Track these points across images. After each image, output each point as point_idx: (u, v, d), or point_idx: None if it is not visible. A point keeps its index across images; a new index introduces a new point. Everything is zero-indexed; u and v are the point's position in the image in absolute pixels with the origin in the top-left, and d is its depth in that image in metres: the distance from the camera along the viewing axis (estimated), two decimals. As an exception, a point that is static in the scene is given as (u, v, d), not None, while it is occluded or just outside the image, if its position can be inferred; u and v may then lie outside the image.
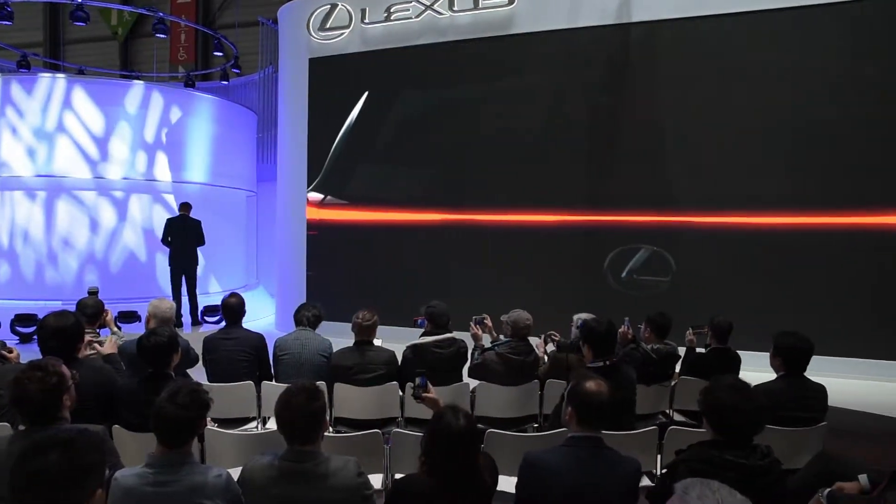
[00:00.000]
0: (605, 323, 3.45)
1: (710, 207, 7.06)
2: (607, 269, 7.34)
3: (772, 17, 6.80)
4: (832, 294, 6.59)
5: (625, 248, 7.18)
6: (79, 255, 8.96)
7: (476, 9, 8.11)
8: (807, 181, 6.73)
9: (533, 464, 2.33)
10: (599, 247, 7.50)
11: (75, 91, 9.13)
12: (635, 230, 7.33)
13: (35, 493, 1.39)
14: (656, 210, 7.27)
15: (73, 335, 3.17)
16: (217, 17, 15.98)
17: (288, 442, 2.20)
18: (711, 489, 1.43)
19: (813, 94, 6.69)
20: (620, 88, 7.51)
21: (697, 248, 7.12)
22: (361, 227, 8.77)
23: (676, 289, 7.07)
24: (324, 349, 4.25)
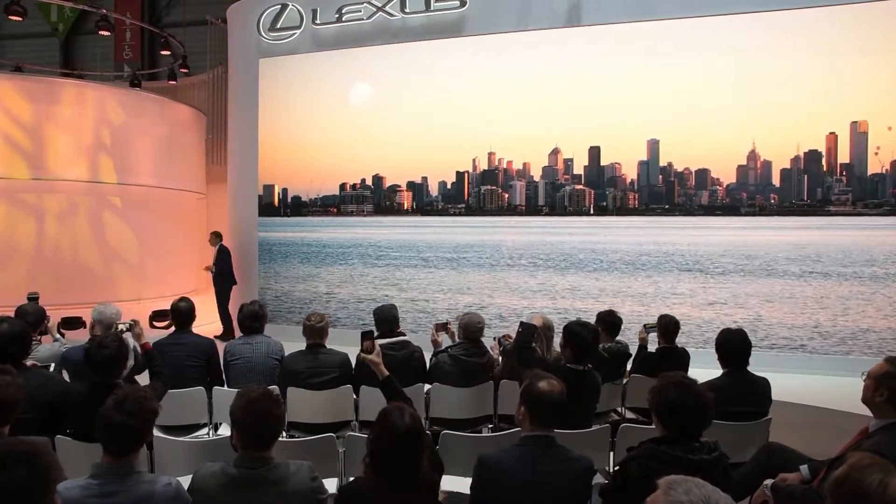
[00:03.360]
0: (592, 329, 3.50)
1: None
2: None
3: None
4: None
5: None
6: (18, 259, 8.59)
7: (428, 11, 8.12)
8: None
9: (487, 464, 2.34)
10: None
11: (10, 89, 8.76)
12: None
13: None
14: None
15: (25, 341, 3.14)
16: (164, 15, 15.60)
17: (242, 448, 2.15)
18: (697, 485, 1.46)
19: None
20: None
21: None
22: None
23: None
24: (275, 352, 4.19)
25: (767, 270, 7.01)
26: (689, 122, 7.26)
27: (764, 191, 7.18)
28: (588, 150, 7.70)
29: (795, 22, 6.86)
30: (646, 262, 7.43)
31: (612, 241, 7.67)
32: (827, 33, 6.80)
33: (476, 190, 8.18)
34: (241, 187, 9.33)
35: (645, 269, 7.40)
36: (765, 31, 6.98)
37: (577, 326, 3.48)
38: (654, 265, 7.39)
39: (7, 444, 1.41)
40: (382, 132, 8.46)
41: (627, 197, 7.71)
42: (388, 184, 8.59)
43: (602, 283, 7.53)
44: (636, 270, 7.43)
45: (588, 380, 3.38)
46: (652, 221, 7.54)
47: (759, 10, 6.95)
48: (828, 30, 6.79)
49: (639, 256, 7.49)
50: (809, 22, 6.83)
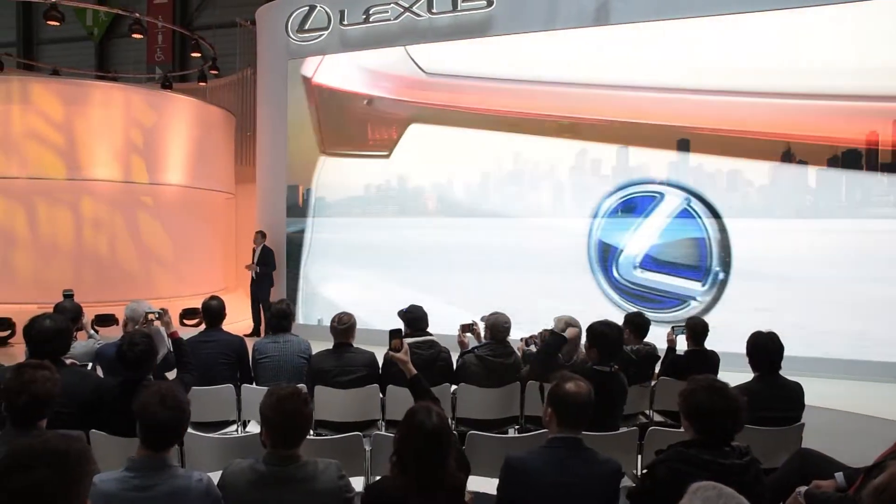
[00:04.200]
0: (617, 328, 3.46)
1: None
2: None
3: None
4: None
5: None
6: (54, 258, 8.80)
7: (455, 11, 8.13)
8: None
9: (514, 466, 2.33)
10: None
11: (47, 92, 8.98)
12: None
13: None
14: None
15: (64, 338, 3.18)
16: (194, 18, 15.83)
17: (271, 445, 2.17)
18: (724, 493, 1.44)
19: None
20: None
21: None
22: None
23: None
24: (303, 351, 4.23)
25: (805, 273, 6.85)
26: (719, 121, 7.13)
27: (799, 191, 7.00)
28: (616, 150, 7.60)
29: (828, 17, 6.73)
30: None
31: (641, 246, 7.57)
32: (859, 27, 6.67)
33: (503, 190, 8.12)
34: (270, 187, 9.43)
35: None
36: (794, 27, 6.86)
37: (602, 326, 3.43)
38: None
39: (33, 444, 1.38)
40: (408, 131, 8.46)
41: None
42: (413, 184, 8.55)
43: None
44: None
45: (615, 382, 3.35)
46: (683, 223, 7.41)
47: (789, 7, 6.84)
48: (861, 23, 6.65)
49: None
50: (842, 16, 6.70)
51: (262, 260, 8.86)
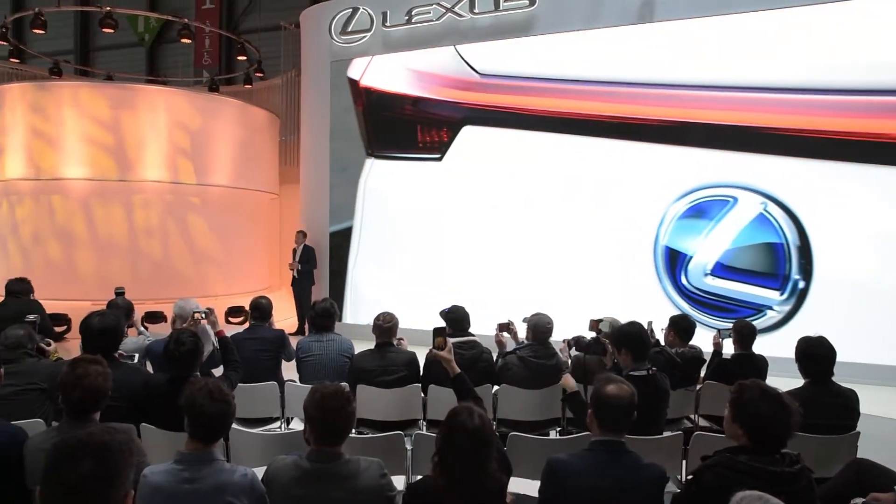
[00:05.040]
0: (639, 325, 3.42)
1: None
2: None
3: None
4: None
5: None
6: (109, 256, 9.10)
7: (497, 11, 8.11)
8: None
9: (555, 468, 2.31)
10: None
11: (101, 96, 9.30)
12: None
13: (68, 500, 1.36)
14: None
15: (116, 334, 3.29)
16: (240, 22, 16.17)
17: (315, 443, 2.20)
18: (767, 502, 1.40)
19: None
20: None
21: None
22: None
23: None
24: (345, 350, 4.28)
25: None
26: (767, 120, 6.91)
27: (888, 195, 6.56)
28: (682, 152, 7.31)
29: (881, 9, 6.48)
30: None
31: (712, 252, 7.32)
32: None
33: (562, 194, 7.91)
34: (313, 187, 9.57)
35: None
36: (874, 17, 6.57)
37: (626, 326, 3.41)
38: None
39: (79, 436, 1.44)
40: (461, 134, 8.41)
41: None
42: (467, 186, 8.42)
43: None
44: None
45: (654, 384, 3.28)
46: (759, 228, 7.13)
47: (835, 1, 6.61)
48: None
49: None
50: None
51: (304, 259, 8.99)
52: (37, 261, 9.17)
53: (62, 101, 9.21)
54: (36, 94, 9.41)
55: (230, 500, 2.10)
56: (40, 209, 9.26)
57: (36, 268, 9.06)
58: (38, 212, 9.27)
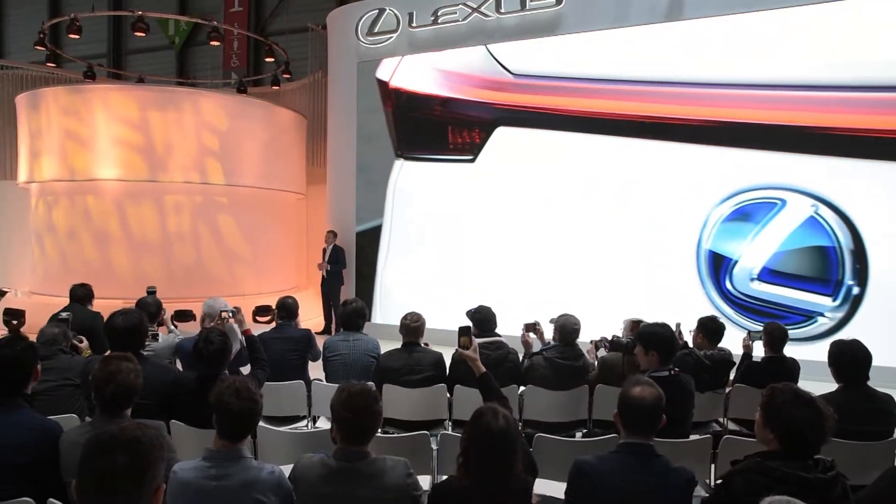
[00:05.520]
0: (665, 326, 3.39)
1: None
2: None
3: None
4: None
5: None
6: (141, 255, 9.27)
7: (523, 10, 8.08)
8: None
9: (582, 470, 2.29)
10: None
11: (132, 98, 9.47)
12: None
13: (103, 492, 1.42)
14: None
15: (140, 333, 3.34)
16: (268, 24, 16.33)
17: (342, 441, 2.22)
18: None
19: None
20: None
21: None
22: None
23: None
24: (372, 350, 4.30)
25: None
26: (816, 119, 6.70)
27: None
28: (724, 153, 7.11)
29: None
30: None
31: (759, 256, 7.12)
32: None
33: (599, 197, 7.77)
34: (340, 188, 9.63)
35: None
36: (868, 18, 6.45)
37: (653, 327, 3.38)
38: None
39: (112, 431, 1.50)
40: (494, 135, 8.37)
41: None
42: (501, 189, 8.35)
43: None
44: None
45: (677, 385, 3.23)
46: (809, 231, 6.91)
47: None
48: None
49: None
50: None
51: (333, 259, 9.06)
52: (72, 260, 9.37)
53: (95, 104, 9.39)
54: (70, 97, 9.61)
55: (258, 498, 2.12)
56: (75, 209, 9.46)
57: (72, 267, 9.28)
58: (73, 212, 9.47)
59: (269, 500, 2.14)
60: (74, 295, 5.00)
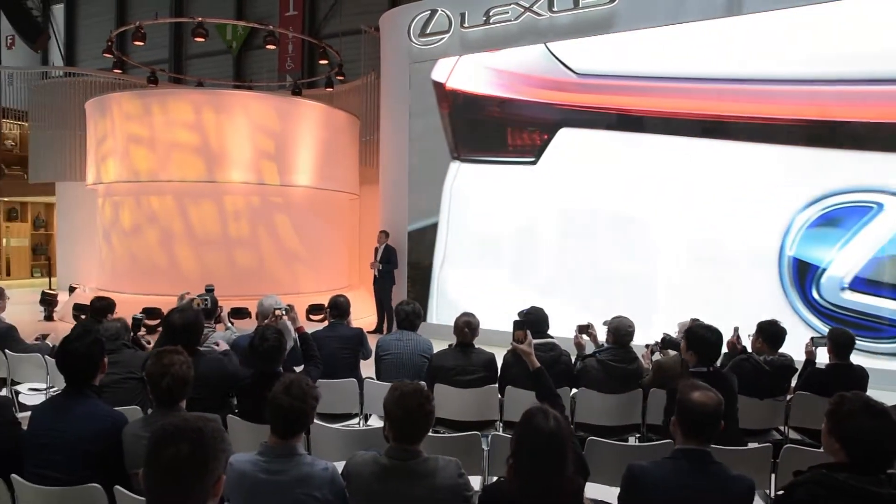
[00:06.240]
0: (716, 332, 3.35)
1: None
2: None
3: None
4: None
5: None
6: (199, 254, 9.56)
7: (577, 8, 7.99)
8: None
9: (637, 475, 2.25)
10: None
11: (190, 101, 9.79)
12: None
13: (168, 481, 1.48)
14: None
15: (196, 330, 3.45)
16: (322, 27, 16.60)
17: (393, 439, 2.24)
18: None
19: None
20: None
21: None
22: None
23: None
24: (424, 350, 4.32)
25: None
26: (872, 115, 6.42)
27: None
28: (811, 154, 6.79)
29: None
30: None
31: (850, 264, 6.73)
32: None
33: (672, 201, 7.53)
34: (392, 188, 9.72)
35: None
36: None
37: (702, 330, 3.35)
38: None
39: (176, 422, 1.56)
40: (557, 136, 8.25)
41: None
42: (564, 191, 8.23)
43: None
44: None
45: (718, 382, 3.15)
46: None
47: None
48: None
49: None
50: None
51: (385, 258, 9.14)
52: (138, 258, 9.76)
53: (157, 108, 9.74)
54: (132, 101, 10.00)
55: (312, 493, 2.17)
56: (140, 209, 9.84)
57: (137, 264, 9.68)
58: (138, 212, 9.85)
59: (324, 495, 2.18)
60: (93, 307, 4.96)
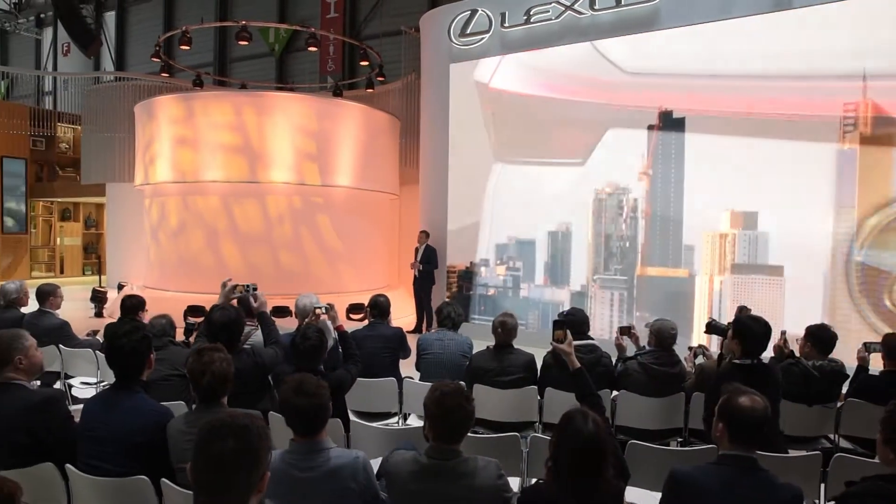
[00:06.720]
0: (763, 323, 3.27)
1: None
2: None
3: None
4: None
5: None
6: (241, 253, 9.75)
7: (619, 6, 7.87)
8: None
9: (680, 481, 2.20)
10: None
11: (234, 103, 9.99)
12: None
13: (215, 475, 1.51)
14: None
15: (237, 328, 3.51)
16: (363, 29, 16.76)
17: (434, 439, 2.25)
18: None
19: None
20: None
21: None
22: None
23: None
24: (464, 350, 4.33)
25: None
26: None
27: None
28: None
29: None
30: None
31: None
32: None
33: (730, 199, 7.28)
34: (432, 188, 9.74)
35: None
36: None
37: (749, 320, 3.30)
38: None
39: (225, 417, 1.60)
40: (605, 136, 8.12)
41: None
42: (589, 186, 8.17)
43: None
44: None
45: (759, 374, 3.12)
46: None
47: None
48: None
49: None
50: None
51: (425, 259, 9.18)
52: (184, 256, 10.00)
53: (201, 110, 9.97)
54: (178, 104, 10.25)
55: (348, 485, 2.22)
56: (186, 209, 10.09)
57: (183, 263, 9.91)
58: (184, 212, 10.10)
59: (359, 484, 2.24)
60: (124, 306, 5.02)
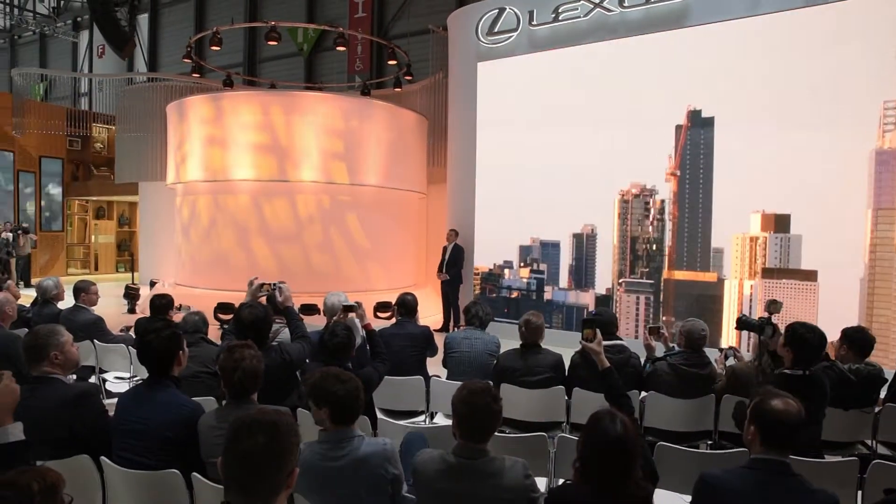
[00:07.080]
0: (819, 333, 3.22)
1: None
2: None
3: None
4: None
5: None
6: (272, 250, 9.86)
7: (648, 4, 7.78)
8: None
9: (711, 484, 2.16)
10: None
11: (263, 103, 10.10)
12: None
13: (245, 471, 1.54)
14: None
15: (265, 325, 3.56)
16: (390, 28, 16.83)
17: (461, 438, 2.25)
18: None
19: None
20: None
21: None
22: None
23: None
24: (491, 349, 4.33)
25: None
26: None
27: None
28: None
29: None
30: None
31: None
32: None
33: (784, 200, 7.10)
34: (460, 188, 9.73)
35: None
36: None
37: (803, 329, 3.21)
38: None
39: (255, 413, 1.64)
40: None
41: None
42: (603, 183, 8.16)
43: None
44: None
45: (812, 385, 3.08)
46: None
47: None
48: None
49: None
50: None
51: (453, 257, 9.17)
52: (215, 255, 10.15)
53: (231, 110, 10.11)
54: (210, 104, 10.41)
55: (377, 472, 2.27)
56: (217, 207, 10.23)
57: (215, 261, 10.06)
58: (215, 210, 10.25)
59: (388, 470, 2.29)
60: (153, 305, 5.05)
